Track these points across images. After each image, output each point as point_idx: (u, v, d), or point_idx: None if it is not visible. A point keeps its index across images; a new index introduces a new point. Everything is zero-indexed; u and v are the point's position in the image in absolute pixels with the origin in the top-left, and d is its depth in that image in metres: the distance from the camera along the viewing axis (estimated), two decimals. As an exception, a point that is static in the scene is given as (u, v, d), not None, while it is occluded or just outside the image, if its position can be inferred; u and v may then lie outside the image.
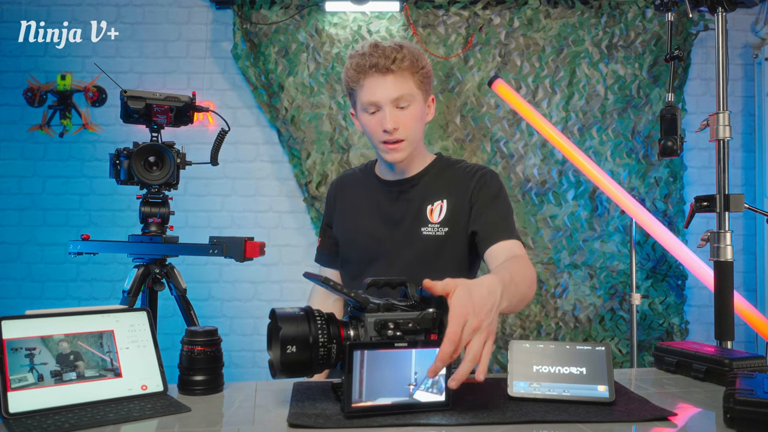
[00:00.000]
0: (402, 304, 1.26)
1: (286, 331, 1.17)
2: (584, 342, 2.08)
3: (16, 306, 3.77)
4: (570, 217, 3.81)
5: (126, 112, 2.27)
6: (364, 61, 1.65)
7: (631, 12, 3.82)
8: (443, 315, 1.24)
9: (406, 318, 1.20)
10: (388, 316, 1.20)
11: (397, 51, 1.64)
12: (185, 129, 2.48)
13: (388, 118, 1.64)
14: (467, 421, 1.13)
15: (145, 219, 2.33)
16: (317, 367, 1.20)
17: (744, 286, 3.91)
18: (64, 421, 1.13)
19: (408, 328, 1.19)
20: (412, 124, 1.68)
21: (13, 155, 3.86)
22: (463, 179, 1.75)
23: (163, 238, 2.32)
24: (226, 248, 2.26)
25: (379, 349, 1.14)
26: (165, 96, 2.31)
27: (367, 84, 1.66)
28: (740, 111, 3.97)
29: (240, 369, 3.79)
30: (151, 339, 1.36)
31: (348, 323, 1.23)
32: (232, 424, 1.16)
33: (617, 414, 1.18)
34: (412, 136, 1.69)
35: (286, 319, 1.18)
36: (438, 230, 1.70)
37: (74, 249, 2.37)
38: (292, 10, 3.80)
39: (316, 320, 1.19)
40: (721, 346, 1.94)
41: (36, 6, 3.88)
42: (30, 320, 1.24)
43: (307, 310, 1.22)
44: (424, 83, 1.71)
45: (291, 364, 1.17)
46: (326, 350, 1.18)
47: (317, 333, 1.18)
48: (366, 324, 1.20)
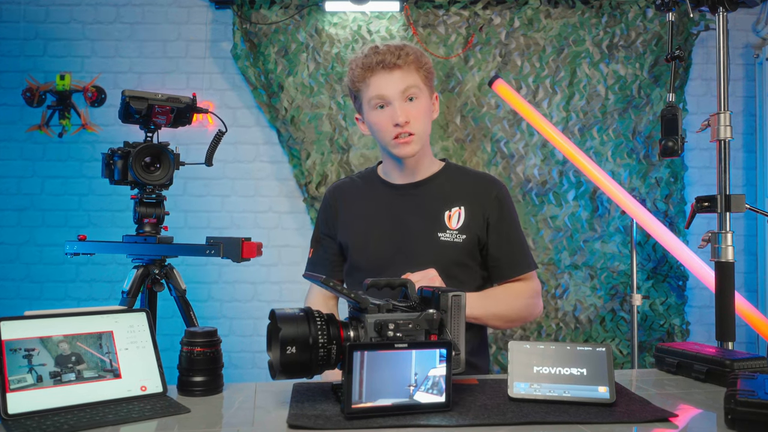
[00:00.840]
0: (402, 305, 1.26)
1: (285, 332, 1.17)
2: (585, 343, 2.08)
3: (15, 307, 3.77)
4: (570, 217, 3.81)
5: (126, 112, 2.26)
6: (369, 60, 1.68)
7: (632, 12, 3.82)
8: (444, 315, 1.24)
9: (407, 319, 1.20)
10: (388, 317, 1.20)
11: (401, 48, 1.68)
12: (184, 129, 2.48)
13: (399, 111, 1.66)
14: (467, 422, 1.13)
15: (141, 219, 2.32)
16: (317, 368, 1.20)
17: (745, 286, 3.91)
18: (63, 422, 1.13)
19: (408, 329, 1.19)
20: (421, 118, 1.70)
21: (12, 155, 3.86)
22: (479, 189, 1.78)
23: (157, 239, 2.31)
24: (223, 249, 2.25)
25: (379, 350, 1.15)
26: (167, 97, 2.30)
27: (374, 81, 1.68)
28: (741, 111, 3.97)
29: (239, 370, 3.79)
30: (150, 340, 1.36)
31: (348, 324, 1.23)
32: (232, 425, 1.16)
33: (618, 415, 1.18)
34: (422, 131, 1.71)
35: (286, 320, 1.19)
36: (456, 237, 1.71)
37: (71, 249, 2.37)
38: (291, 10, 3.80)
39: (316, 321, 1.19)
40: (722, 347, 1.94)
41: (35, 6, 3.88)
42: (29, 321, 1.24)
43: (307, 311, 1.22)
44: (428, 79, 1.74)
45: (290, 364, 1.17)
46: (326, 351, 1.18)
47: (317, 334, 1.18)
48: (366, 325, 1.20)
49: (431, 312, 1.21)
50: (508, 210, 1.79)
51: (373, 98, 1.69)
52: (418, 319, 1.20)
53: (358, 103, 1.77)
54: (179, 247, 2.34)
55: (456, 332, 1.26)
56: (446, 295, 1.25)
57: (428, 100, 1.74)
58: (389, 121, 1.68)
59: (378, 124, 1.71)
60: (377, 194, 1.83)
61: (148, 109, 2.25)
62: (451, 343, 1.17)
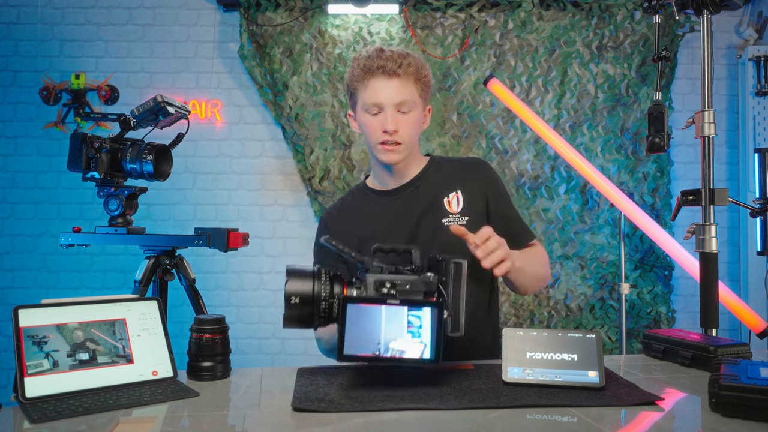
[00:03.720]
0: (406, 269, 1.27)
1: (291, 285, 1.20)
2: (575, 330, 2.08)
3: (33, 295, 3.77)
4: (562, 210, 3.80)
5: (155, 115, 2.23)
6: (371, 62, 1.63)
7: (620, 14, 3.80)
8: (444, 280, 1.25)
9: (404, 280, 1.22)
10: (386, 277, 1.22)
11: (403, 57, 1.63)
12: (194, 125, 2.46)
13: (390, 119, 1.62)
14: (463, 405, 1.13)
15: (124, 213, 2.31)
16: (319, 320, 1.22)
17: (728, 276, 3.91)
18: (78, 405, 1.13)
19: (405, 289, 1.21)
20: (410, 130, 1.66)
21: (30, 151, 3.85)
22: (471, 172, 1.76)
23: (127, 230, 2.31)
24: (210, 239, 2.26)
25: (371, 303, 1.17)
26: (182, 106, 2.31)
27: (371, 85, 1.63)
28: (725, 109, 3.96)
29: (246, 356, 3.79)
30: (161, 327, 1.36)
31: (352, 283, 1.24)
32: (239, 408, 1.16)
33: (607, 398, 1.18)
34: (410, 141, 1.67)
35: (294, 274, 1.22)
36: (459, 219, 1.68)
37: (65, 241, 2.36)
38: (296, 12, 3.79)
39: (321, 277, 1.23)
40: (706, 334, 1.94)
41: (51, 9, 3.87)
42: (45, 309, 1.24)
43: (316, 269, 1.23)
44: (425, 91, 1.70)
45: (294, 315, 1.21)
46: (328, 305, 1.22)
47: (320, 288, 1.21)
48: (366, 283, 1.21)
49: (429, 275, 1.23)
50: (502, 187, 1.79)
51: (368, 102, 1.64)
52: (415, 281, 1.22)
53: (353, 100, 1.73)
54: (169, 238, 2.34)
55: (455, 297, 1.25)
56: (448, 262, 1.25)
57: (421, 112, 1.70)
58: (379, 126, 1.64)
59: (368, 127, 1.67)
60: (374, 205, 1.77)
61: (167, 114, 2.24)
62: (442, 303, 1.18)
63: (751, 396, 1.06)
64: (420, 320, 1.16)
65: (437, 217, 1.69)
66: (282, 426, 1.08)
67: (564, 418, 1.09)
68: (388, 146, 1.65)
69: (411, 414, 1.10)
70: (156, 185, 2.42)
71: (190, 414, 1.12)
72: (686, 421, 1.15)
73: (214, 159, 3.89)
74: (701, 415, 1.13)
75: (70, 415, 1.09)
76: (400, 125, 1.63)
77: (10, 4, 3.86)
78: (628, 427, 1.10)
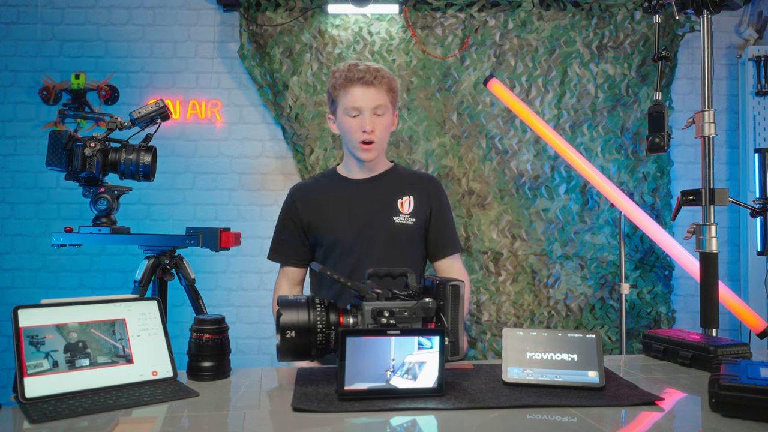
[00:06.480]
0: (403, 294, 1.26)
1: (285, 318, 1.20)
2: (575, 330, 2.08)
3: (32, 295, 3.77)
4: (562, 210, 3.80)
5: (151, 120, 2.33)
6: (352, 73, 1.90)
7: (620, 14, 3.80)
8: (441, 304, 1.24)
9: (403, 306, 1.20)
10: (385, 305, 1.20)
11: (378, 71, 1.92)
12: (194, 125, 2.48)
13: (368, 121, 1.89)
14: (463, 405, 1.13)
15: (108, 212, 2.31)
16: (317, 352, 1.21)
17: (728, 276, 3.91)
18: (77, 405, 1.13)
19: (404, 316, 1.20)
20: (383, 131, 1.95)
21: (29, 151, 3.85)
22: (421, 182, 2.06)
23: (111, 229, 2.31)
24: (202, 238, 2.29)
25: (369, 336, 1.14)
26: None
27: (352, 92, 1.90)
28: (725, 109, 3.96)
29: (246, 356, 3.79)
30: (161, 327, 1.36)
31: (348, 311, 1.23)
32: (239, 408, 1.16)
33: (607, 398, 1.18)
34: (382, 141, 1.96)
35: (287, 306, 1.21)
36: (408, 220, 1.97)
37: (57, 241, 2.36)
38: (296, 12, 3.79)
39: (316, 308, 1.21)
40: (706, 334, 1.94)
41: (51, 8, 3.87)
42: (45, 309, 1.24)
43: (309, 298, 1.22)
44: (394, 99, 1.99)
45: (290, 348, 1.20)
46: (324, 336, 1.20)
47: (315, 320, 1.20)
48: (363, 312, 1.20)
49: (427, 301, 1.21)
50: (445, 201, 2.09)
51: (349, 107, 1.90)
52: (414, 308, 1.20)
53: (334, 106, 1.97)
54: (161, 238, 2.35)
55: (454, 320, 1.25)
56: (445, 285, 1.25)
57: (391, 116, 1.99)
58: (359, 127, 1.90)
59: (348, 128, 1.93)
60: (342, 189, 2.02)
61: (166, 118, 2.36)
62: (443, 330, 1.16)
63: (751, 396, 1.06)
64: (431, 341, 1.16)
65: (390, 214, 1.97)
66: (282, 426, 1.08)
67: (564, 418, 1.09)
68: (365, 145, 1.92)
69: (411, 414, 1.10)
70: (156, 185, 2.43)
71: (190, 414, 1.12)
72: (686, 421, 1.15)
73: (214, 159, 3.88)
74: (701, 415, 1.13)
75: (69, 415, 1.09)
76: (376, 126, 1.91)
77: (10, 4, 3.86)
78: (628, 427, 1.10)
